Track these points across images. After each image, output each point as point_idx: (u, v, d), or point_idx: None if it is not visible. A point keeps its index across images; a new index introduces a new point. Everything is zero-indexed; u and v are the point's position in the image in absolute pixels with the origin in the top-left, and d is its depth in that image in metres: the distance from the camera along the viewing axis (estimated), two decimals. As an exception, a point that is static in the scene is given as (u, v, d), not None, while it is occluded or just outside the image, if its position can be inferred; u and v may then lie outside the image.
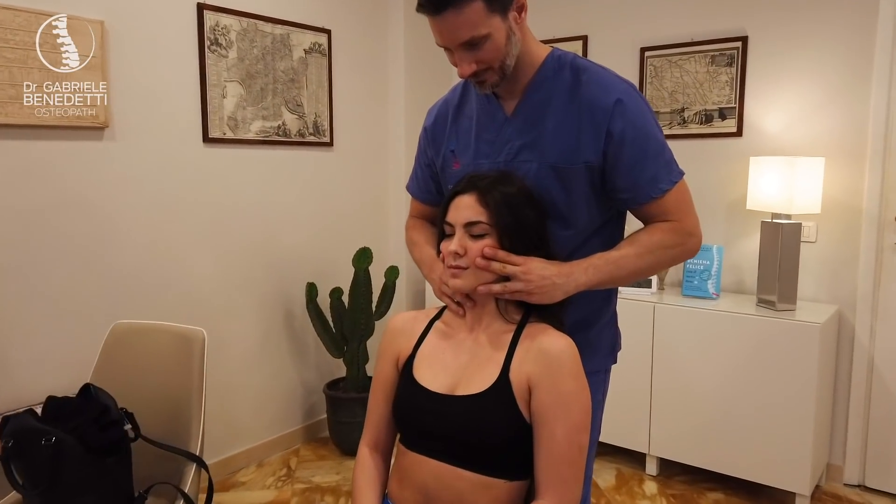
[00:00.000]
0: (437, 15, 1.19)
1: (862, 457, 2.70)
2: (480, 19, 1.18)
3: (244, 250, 2.84)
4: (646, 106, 1.30)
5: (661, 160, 1.28)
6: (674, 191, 1.28)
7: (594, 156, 1.27)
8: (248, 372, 2.90)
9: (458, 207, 1.23)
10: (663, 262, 1.31)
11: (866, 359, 2.65)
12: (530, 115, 1.32)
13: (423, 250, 1.50)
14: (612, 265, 1.27)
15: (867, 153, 2.58)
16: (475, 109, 1.40)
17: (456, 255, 1.21)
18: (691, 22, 2.93)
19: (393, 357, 1.35)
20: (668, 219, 1.29)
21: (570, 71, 1.30)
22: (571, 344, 1.20)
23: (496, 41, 1.21)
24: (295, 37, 2.93)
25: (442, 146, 1.46)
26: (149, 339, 1.89)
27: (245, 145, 2.79)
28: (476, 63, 1.24)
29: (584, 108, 1.27)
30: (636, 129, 1.26)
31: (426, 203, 1.58)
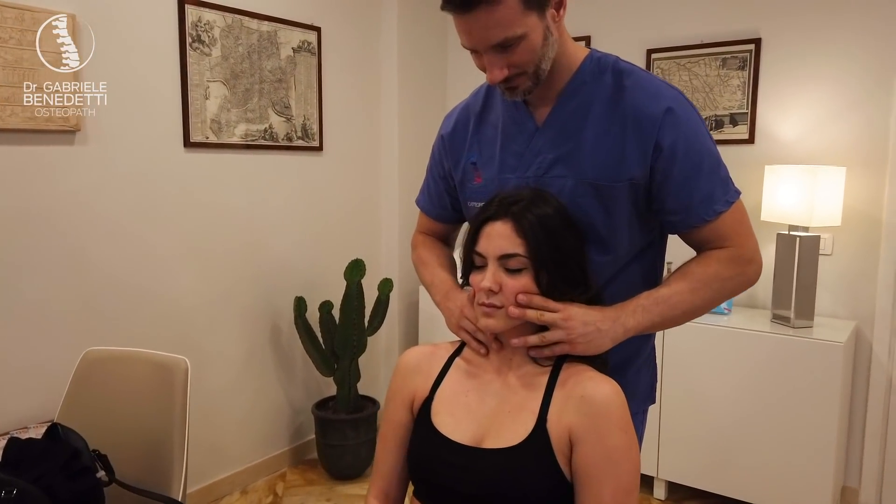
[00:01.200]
0: (466, 13, 1.02)
1: (879, 479, 2.59)
2: (515, 18, 1.02)
3: (228, 262, 2.65)
4: (698, 116, 1.15)
5: (717, 178, 1.12)
6: (730, 212, 1.13)
7: (640, 171, 1.11)
8: (232, 391, 2.71)
9: (490, 237, 1.06)
10: (721, 296, 1.15)
11: (885, 377, 2.53)
12: (566, 125, 1.16)
13: (436, 273, 1.33)
14: (663, 305, 1.11)
15: (888, 162, 2.46)
16: (501, 117, 1.24)
17: (490, 293, 1.05)
18: (701, 22, 2.80)
19: (406, 399, 1.19)
20: (724, 244, 1.14)
21: (612, 75, 1.15)
22: (618, 390, 1.04)
23: (532, 42, 1.05)
24: (283, 34, 2.75)
25: (461, 157, 1.29)
26: (124, 367, 1.69)
27: (229, 150, 2.60)
28: (508, 67, 1.07)
29: (628, 117, 1.11)
30: (688, 142, 1.10)
31: (438, 220, 1.42)
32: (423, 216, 1.45)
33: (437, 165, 1.37)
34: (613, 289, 1.17)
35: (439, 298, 1.28)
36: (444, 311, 1.25)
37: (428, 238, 1.45)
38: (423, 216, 1.45)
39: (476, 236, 1.08)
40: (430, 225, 1.44)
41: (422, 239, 1.45)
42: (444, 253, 1.42)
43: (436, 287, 1.31)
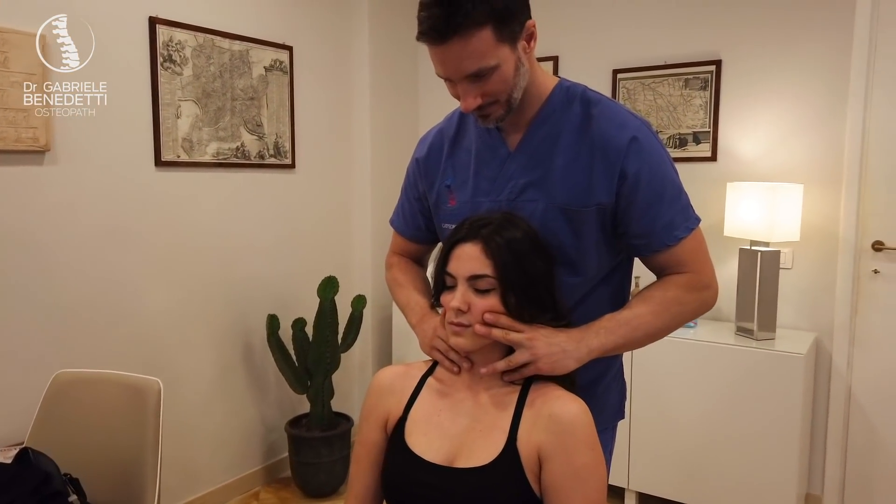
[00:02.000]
0: (440, 44, 1.06)
1: (841, 486, 2.67)
2: (489, 49, 1.06)
3: (200, 281, 2.64)
4: (661, 146, 1.20)
5: (678, 205, 1.18)
6: (689, 239, 1.18)
7: (607, 197, 1.16)
8: (204, 411, 2.69)
9: (460, 258, 1.09)
10: (681, 320, 1.20)
11: (844, 387, 2.62)
12: (536, 151, 1.20)
13: (411, 296, 1.36)
14: (625, 327, 1.15)
15: (843, 179, 2.56)
16: (474, 142, 1.28)
17: (459, 312, 1.08)
18: (664, 44, 2.88)
19: (380, 419, 1.21)
20: (683, 270, 1.19)
21: (581, 104, 1.19)
22: (585, 409, 1.08)
23: (504, 73, 1.09)
24: (255, 53, 2.76)
25: (436, 180, 1.32)
26: (96, 390, 1.69)
27: (201, 168, 2.61)
28: (482, 96, 1.11)
29: (595, 145, 1.16)
30: (652, 170, 1.15)
31: (413, 240, 1.45)
32: (397, 237, 1.47)
33: (412, 187, 1.39)
34: (583, 309, 1.21)
35: (415, 321, 1.30)
36: (419, 333, 1.27)
37: (402, 259, 1.47)
38: (397, 237, 1.47)
39: (447, 257, 1.12)
40: (404, 245, 1.47)
41: (396, 260, 1.47)
42: (418, 275, 1.44)
43: (411, 309, 1.33)
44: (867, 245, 2.54)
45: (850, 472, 2.65)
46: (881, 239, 2.51)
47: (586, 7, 3.05)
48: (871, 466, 2.60)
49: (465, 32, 1.03)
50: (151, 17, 2.38)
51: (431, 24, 1.04)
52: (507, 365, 1.10)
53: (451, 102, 1.18)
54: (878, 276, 2.53)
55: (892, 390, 2.53)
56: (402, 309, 1.37)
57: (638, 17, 2.94)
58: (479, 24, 1.03)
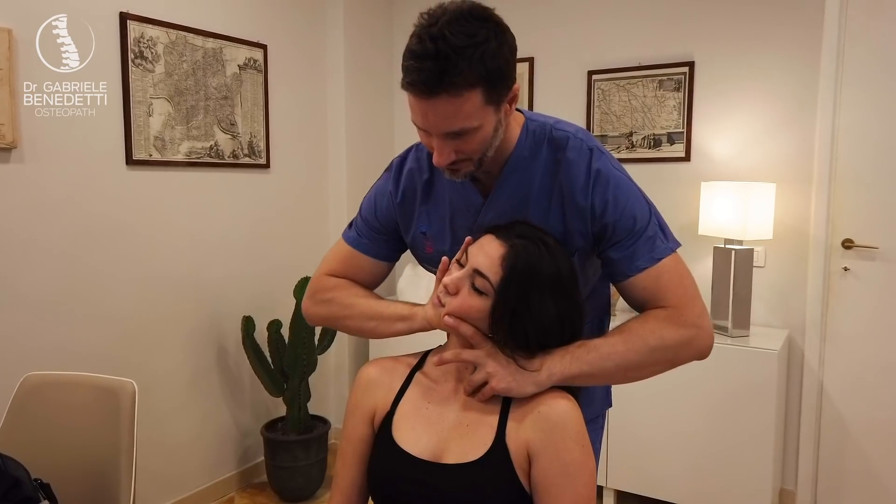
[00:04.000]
0: (427, 98, 1.01)
1: (814, 481, 2.71)
2: (475, 110, 1.02)
3: (172, 282, 2.59)
4: (625, 175, 1.17)
5: (644, 236, 1.13)
6: (659, 269, 1.12)
7: (584, 242, 1.15)
8: (177, 415, 2.64)
9: (482, 246, 1.07)
10: (660, 357, 1.10)
11: (816, 383, 2.66)
12: (509, 201, 1.18)
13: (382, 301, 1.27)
14: (594, 353, 1.07)
15: (814, 178, 2.61)
16: (447, 189, 1.24)
17: (446, 292, 1.07)
18: (639, 46, 2.91)
19: (367, 413, 1.19)
20: (661, 304, 1.13)
21: (548, 147, 1.16)
22: (574, 405, 1.07)
23: (484, 134, 1.06)
24: (228, 51, 2.72)
25: (411, 224, 1.28)
26: (67, 392, 1.64)
27: (173, 167, 2.56)
28: (456, 153, 1.07)
29: (565, 190, 1.14)
30: (616, 205, 1.12)
31: (381, 258, 1.33)
32: (349, 256, 1.33)
33: (382, 220, 1.31)
34: None
35: (408, 311, 1.20)
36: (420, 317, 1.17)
37: (346, 280, 1.32)
38: (349, 256, 1.33)
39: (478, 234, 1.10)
40: (359, 264, 1.32)
41: (341, 280, 1.31)
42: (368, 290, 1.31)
43: (393, 308, 1.23)
44: (837, 243, 2.59)
45: (822, 466, 2.69)
46: (851, 237, 2.56)
47: (561, 8, 3.07)
48: (842, 461, 2.65)
49: (456, 92, 0.98)
50: (122, 12, 2.33)
51: (422, 78, 0.98)
52: (469, 386, 1.08)
53: None
54: (848, 273, 2.58)
55: (862, 385, 2.59)
56: (377, 310, 1.24)
57: (613, 19, 2.97)
58: (470, 85, 0.98)
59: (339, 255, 1.35)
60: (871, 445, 2.59)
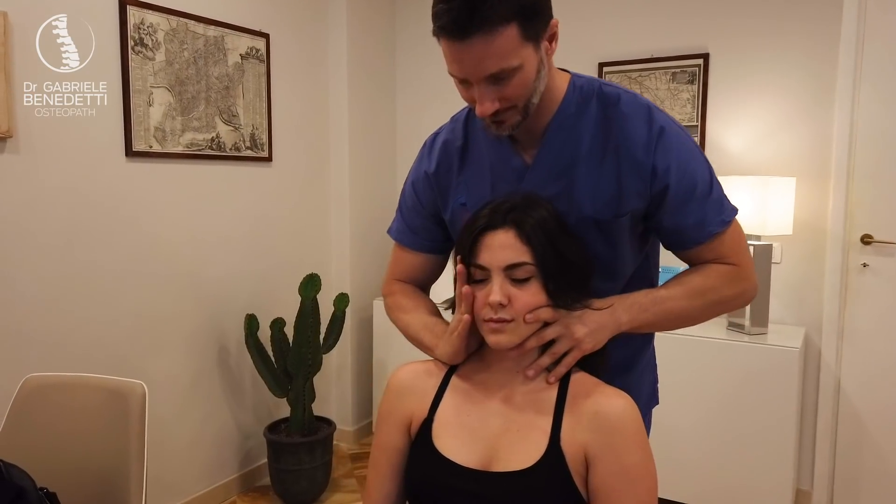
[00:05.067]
0: (461, 41, 0.95)
1: (830, 481, 2.66)
2: (513, 48, 0.96)
3: (173, 279, 2.49)
4: (688, 137, 1.12)
5: (710, 200, 1.09)
6: (727, 232, 1.10)
7: (640, 202, 1.09)
8: (177, 417, 2.54)
9: (491, 248, 1.00)
10: (716, 310, 1.13)
11: (833, 381, 2.61)
12: (556, 163, 1.11)
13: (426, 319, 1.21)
14: (659, 306, 1.09)
15: (832, 173, 2.56)
16: (486, 155, 1.17)
17: (499, 307, 0.99)
18: (651, 37, 2.85)
19: (402, 421, 1.11)
20: (724, 262, 1.11)
21: (598, 103, 1.10)
22: (632, 404, 1.01)
23: (526, 75, 1.00)
24: (230, 40, 2.63)
25: (449, 198, 1.21)
26: (71, 395, 1.54)
27: (174, 160, 2.46)
28: (499, 100, 1.01)
29: (620, 147, 1.08)
30: (681, 166, 1.07)
31: (429, 252, 1.29)
32: (402, 256, 1.30)
33: (422, 202, 1.26)
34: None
35: (435, 341, 1.15)
36: (441, 347, 1.12)
37: (407, 286, 1.30)
38: (402, 256, 1.30)
39: (474, 248, 1.02)
40: (412, 264, 1.29)
41: (400, 287, 1.30)
42: (426, 299, 1.28)
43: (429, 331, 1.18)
44: (856, 239, 2.54)
45: (839, 466, 2.64)
46: (870, 232, 2.52)
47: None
48: (859, 460, 2.60)
49: (490, 29, 0.93)
50: (122, -4, 2.23)
51: (453, 18, 0.94)
52: (552, 357, 1.03)
53: (427, 97, 1.09)
54: (866, 269, 2.53)
55: (880, 384, 2.54)
56: (413, 332, 1.21)
57: (624, 10, 2.90)
58: (505, 20, 0.93)
59: (394, 256, 1.34)
60: (889, 445, 2.54)
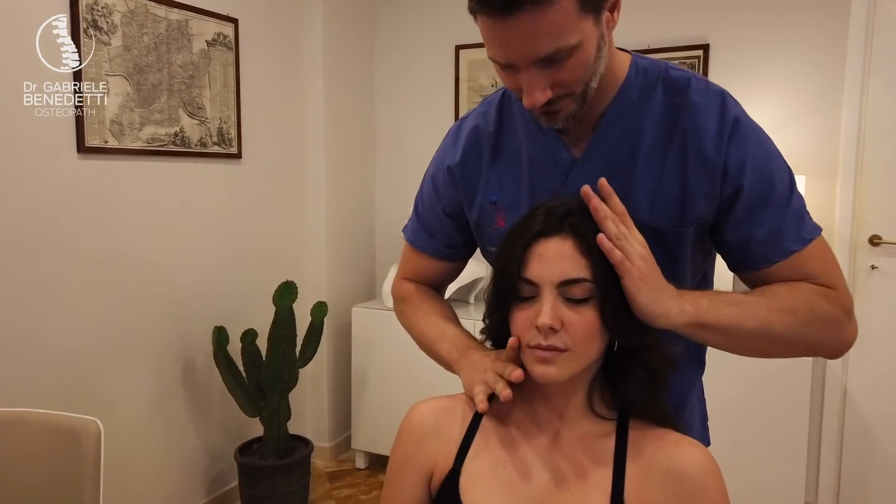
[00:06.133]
0: (507, 16, 0.77)
1: (835, 492, 2.55)
2: (569, 23, 0.78)
3: (132, 289, 2.24)
4: (764, 131, 0.95)
5: (788, 209, 0.90)
6: (809, 252, 0.90)
7: (708, 208, 0.91)
8: (139, 440, 2.29)
9: (545, 259, 0.82)
10: (804, 337, 0.88)
11: (840, 389, 2.50)
12: (611, 157, 0.93)
13: (444, 326, 1.06)
14: (734, 307, 0.86)
15: (839, 171, 2.44)
16: (524, 144, 0.99)
17: (550, 331, 0.80)
18: (648, 27, 2.69)
19: (423, 472, 0.92)
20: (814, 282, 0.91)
21: (664, 90, 0.93)
22: (711, 457, 0.83)
23: (585, 55, 0.82)
24: (195, 25, 2.38)
25: (476, 194, 1.03)
26: (15, 434, 1.30)
27: (133, 156, 2.21)
28: (552, 87, 0.83)
29: (689, 142, 0.90)
30: (757, 164, 0.89)
31: (443, 258, 1.13)
32: (415, 257, 1.15)
33: (441, 199, 1.08)
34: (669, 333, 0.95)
35: (456, 355, 0.99)
36: (465, 369, 0.96)
37: (419, 286, 1.16)
38: (415, 257, 1.15)
39: (523, 258, 0.83)
40: (425, 267, 1.15)
41: (412, 287, 1.16)
42: (443, 302, 1.14)
43: (448, 341, 1.02)
44: (864, 240, 2.43)
45: (844, 477, 2.53)
46: (879, 233, 2.41)
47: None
48: (866, 471, 2.50)
49: (542, 1, 0.75)
50: (72, -28, 1.98)
51: None
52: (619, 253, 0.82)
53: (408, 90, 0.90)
54: (875, 271, 2.42)
55: (889, 391, 2.43)
56: (428, 342, 1.07)
57: (618, -2, 2.74)
58: None
59: (405, 254, 1.18)
60: (898, 455, 2.44)
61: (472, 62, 2.98)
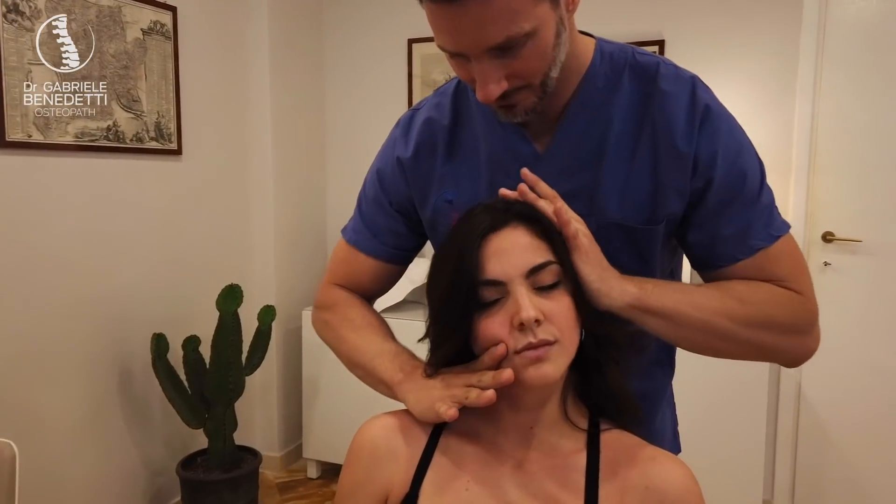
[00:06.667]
0: (452, 2, 0.70)
1: (790, 490, 2.55)
2: (522, 7, 0.71)
3: (63, 295, 2.08)
4: (736, 120, 0.89)
5: (758, 205, 0.85)
6: (777, 250, 0.84)
7: (679, 203, 0.85)
8: (71, 458, 2.13)
9: (503, 252, 0.74)
10: (757, 342, 0.83)
11: (794, 386, 2.51)
12: (577, 150, 0.87)
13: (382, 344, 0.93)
14: (682, 295, 0.81)
15: (792, 168, 2.44)
16: (482, 138, 0.91)
17: (536, 325, 0.72)
18: (602, 22, 2.62)
19: (377, 496, 0.83)
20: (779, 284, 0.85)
21: (632, 77, 0.86)
22: (691, 474, 0.77)
23: (542, 42, 0.75)
24: (129, 12, 2.23)
25: (430, 192, 0.95)
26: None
27: (61, 152, 2.05)
28: (508, 79, 0.76)
29: (659, 132, 0.84)
30: (728, 153, 0.84)
31: (388, 260, 1.02)
32: (352, 261, 1.03)
33: (393, 197, 0.99)
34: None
35: (399, 378, 0.87)
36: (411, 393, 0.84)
37: (354, 296, 1.03)
38: (352, 261, 1.03)
39: (478, 261, 0.75)
40: (363, 271, 1.03)
41: (345, 296, 1.02)
42: (378, 316, 1.00)
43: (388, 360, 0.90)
44: (817, 237, 2.44)
45: (800, 474, 2.54)
46: (832, 230, 2.41)
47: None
48: (821, 468, 2.50)
49: None
50: (-12, -50, 1.82)
51: None
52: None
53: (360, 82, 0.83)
54: (828, 268, 2.43)
55: (843, 388, 2.44)
56: (361, 359, 0.93)
57: (573, -7, 2.70)
58: None
59: (339, 256, 1.05)
60: (852, 451, 2.45)
61: (425, 57, 2.90)
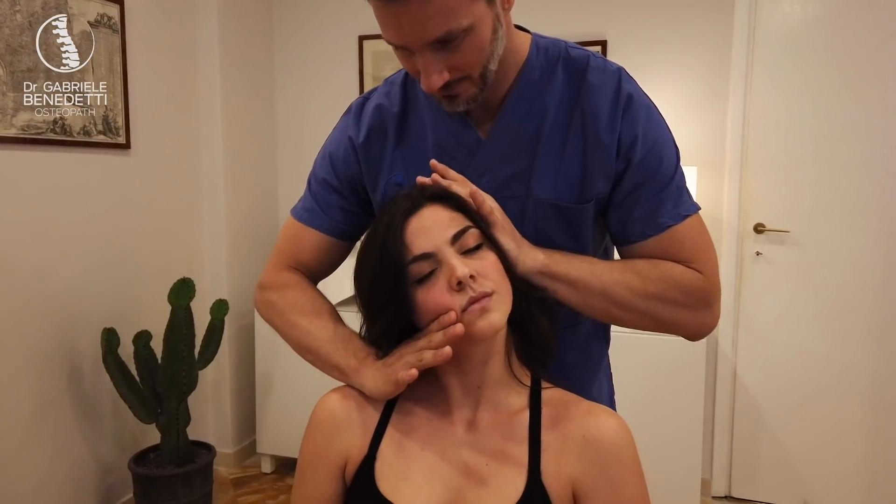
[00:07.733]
0: (396, 1, 0.77)
1: (728, 468, 2.69)
2: (460, 5, 0.79)
3: (9, 291, 2.05)
4: (656, 110, 0.97)
5: (669, 188, 0.93)
6: (684, 229, 0.92)
7: (606, 184, 0.93)
8: (18, 457, 2.10)
9: (427, 230, 0.82)
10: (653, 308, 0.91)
11: (730, 369, 2.64)
12: (516, 137, 0.94)
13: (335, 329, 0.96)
14: (586, 264, 0.91)
15: (726, 163, 2.58)
16: (430, 125, 0.98)
17: (472, 281, 0.79)
18: (545, 23, 2.71)
19: (336, 464, 0.88)
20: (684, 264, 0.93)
21: (564, 69, 0.95)
22: (625, 424, 0.85)
23: (479, 37, 0.83)
24: (75, 4, 2.21)
25: (380, 175, 1.01)
26: None
27: (6, 144, 2.02)
28: (449, 70, 0.84)
29: (588, 122, 0.92)
30: (647, 138, 0.92)
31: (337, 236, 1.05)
32: (300, 239, 1.06)
33: (343, 177, 1.04)
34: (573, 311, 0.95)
35: (356, 363, 0.90)
36: (369, 375, 0.88)
37: (303, 279, 1.04)
38: (300, 239, 1.06)
39: (403, 239, 0.81)
40: (312, 248, 1.05)
41: (295, 279, 1.03)
42: (331, 304, 1.02)
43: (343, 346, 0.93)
44: (749, 228, 2.58)
45: (736, 453, 2.68)
46: (762, 221, 2.56)
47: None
48: (756, 448, 2.65)
49: None
50: (-71, -62, 1.79)
51: None
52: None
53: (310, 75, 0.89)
54: (760, 258, 2.58)
55: (774, 371, 2.59)
56: (313, 344, 0.96)
57: (520, -7, 2.78)
58: None
59: (287, 235, 1.08)
60: (784, 432, 2.60)
61: (376, 53, 2.94)
